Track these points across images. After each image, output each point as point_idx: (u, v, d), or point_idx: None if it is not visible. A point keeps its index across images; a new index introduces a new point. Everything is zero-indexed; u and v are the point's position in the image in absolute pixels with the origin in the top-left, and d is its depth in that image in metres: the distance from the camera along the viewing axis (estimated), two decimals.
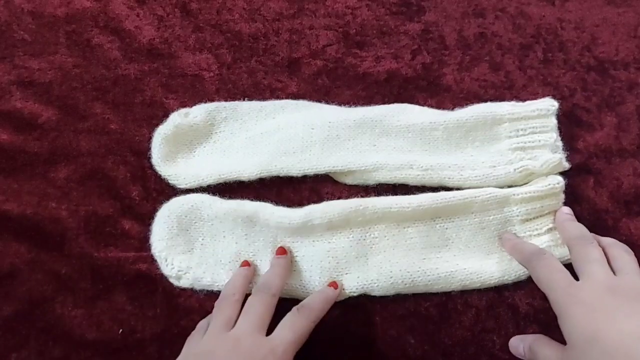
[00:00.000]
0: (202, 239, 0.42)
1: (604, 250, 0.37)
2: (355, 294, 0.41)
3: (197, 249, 0.42)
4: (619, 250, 0.37)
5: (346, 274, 0.41)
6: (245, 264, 0.41)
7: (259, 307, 0.36)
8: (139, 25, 0.49)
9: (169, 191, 0.44)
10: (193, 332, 0.38)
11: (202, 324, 0.38)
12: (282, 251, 0.41)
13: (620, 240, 0.39)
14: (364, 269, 0.41)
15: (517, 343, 0.40)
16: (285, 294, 0.41)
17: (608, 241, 0.38)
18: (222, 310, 0.37)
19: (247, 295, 0.39)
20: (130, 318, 0.42)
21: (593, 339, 0.32)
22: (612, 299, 0.33)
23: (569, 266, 0.37)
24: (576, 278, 0.36)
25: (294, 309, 0.37)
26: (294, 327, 0.36)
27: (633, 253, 0.37)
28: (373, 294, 0.41)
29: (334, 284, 0.41)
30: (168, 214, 0.42)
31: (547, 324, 0.41)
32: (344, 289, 0.41)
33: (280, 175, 0.44)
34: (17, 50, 0.48)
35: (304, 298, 0.41)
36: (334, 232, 0.42)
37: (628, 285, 0.34)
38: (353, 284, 0.41)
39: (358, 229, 0.42)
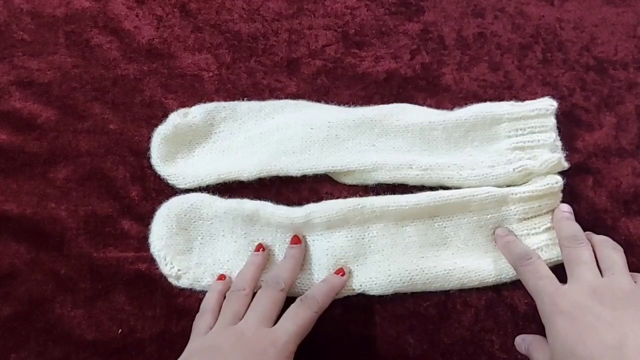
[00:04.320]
0: (202, 238, 0.42)
1: (594, 249, 0.37)
2: (353, 293, 0.41)
3: (196, 248, 0.42)
4: (607, 249, 0.37)
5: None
6: (259, 247, 0.41)
7: (267, 303, 0.37)
8: (138, 25, 0.49)
9: (169, 191, 0.44)
10: (198, 316, 0.38)
11: (207, 306, 0.38)
12: (296, 240, 0.41)
13: (619, 240, 0.39)
14: (362, 267, 0.41)
15: (520, 342, 0.40)
16: None
17: (598, 239, 0.38)
18: (231, 304, 0.37)
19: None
20: (129, 318, 0.42)
21: (572, 353, 0.32)
22: (596, 305, 0.33)
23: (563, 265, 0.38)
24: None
25: (298, 299, 0.37)
26: (297, 318, 0.36)
27: (622, 250, 0.37)
28: (371, 292, 0.41)
29: (340, 271, 0.40)
30: (167, 213, 0.42)
31: None
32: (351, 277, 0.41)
33: (280, 175, 0.44)
34: (16, 51, 0.48)
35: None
36: (333, 231, 0.42)
37: (614, 287, 0.34)
38: (351, 283, 0.41)
39: (357, 227, 0.42)
